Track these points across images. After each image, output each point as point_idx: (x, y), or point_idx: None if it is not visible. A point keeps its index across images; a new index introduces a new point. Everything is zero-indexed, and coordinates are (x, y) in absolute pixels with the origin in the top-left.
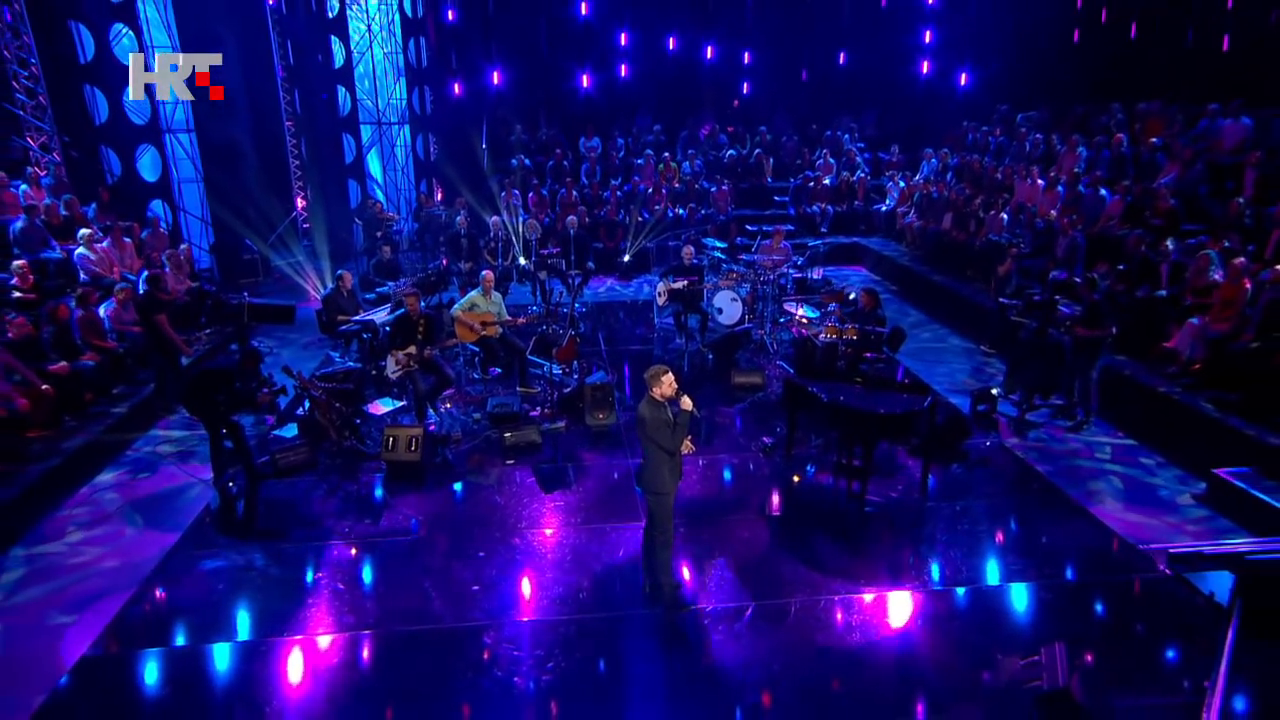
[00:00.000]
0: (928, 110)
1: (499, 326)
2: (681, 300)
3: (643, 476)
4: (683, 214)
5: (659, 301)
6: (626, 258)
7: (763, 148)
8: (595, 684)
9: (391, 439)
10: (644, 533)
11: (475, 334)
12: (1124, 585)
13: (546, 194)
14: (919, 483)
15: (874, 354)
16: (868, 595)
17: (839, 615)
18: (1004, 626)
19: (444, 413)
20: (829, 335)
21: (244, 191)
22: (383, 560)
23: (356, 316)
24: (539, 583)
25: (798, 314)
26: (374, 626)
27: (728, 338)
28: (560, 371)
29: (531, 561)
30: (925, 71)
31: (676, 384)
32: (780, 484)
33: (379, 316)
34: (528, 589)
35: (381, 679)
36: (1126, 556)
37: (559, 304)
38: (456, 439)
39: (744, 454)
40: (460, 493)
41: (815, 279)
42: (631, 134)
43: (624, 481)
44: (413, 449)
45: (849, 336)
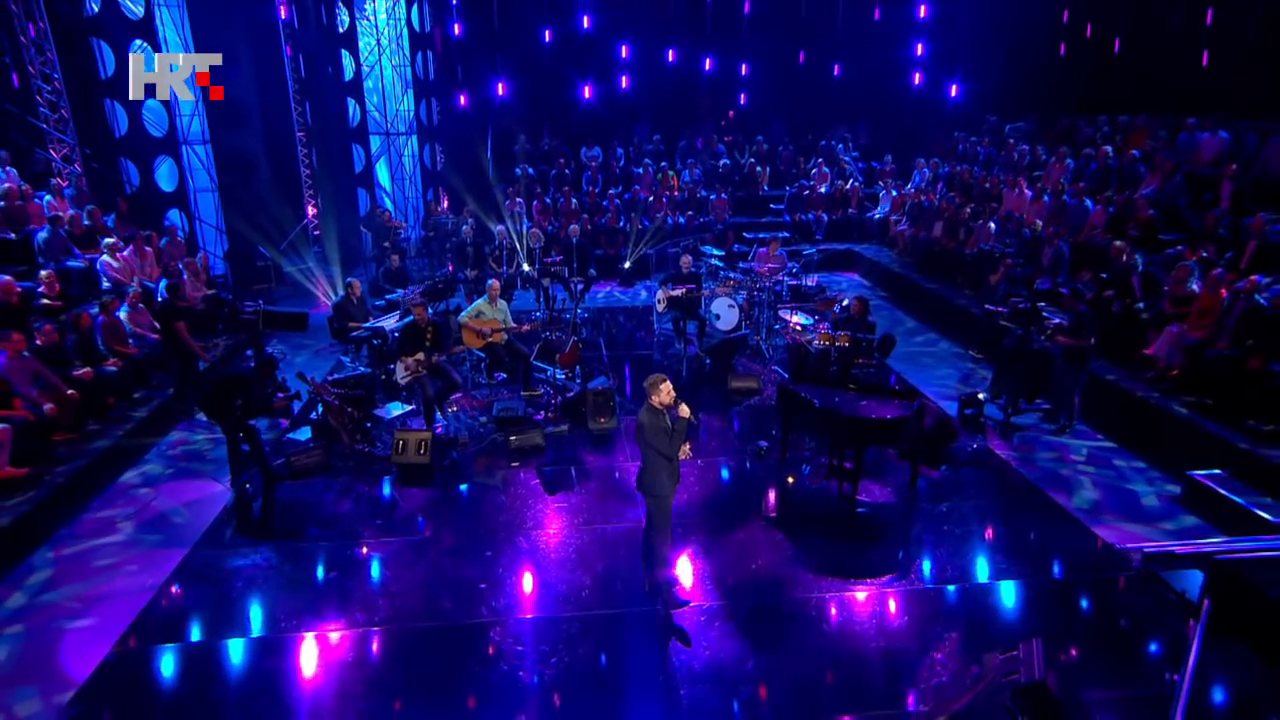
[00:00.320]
0: (919, 121)
1: (504, 333)
2: (680, 307)
3: (642, 480)
4: (681, 221)
5: (658, 308)
6: (627, 264)
7: (759, 157)
8: (596, 678)
9: (401, 442)
10: (644, 533)
11: (482, 340)
12: (1101, 583)
13: (550, 202)
14: (908, 485)
15: (865, 360)
16: (859, 593)
17: (830, 611)
18: (985, 622)
19: (451, 416)
20: (821, 342)
21: (257, 200)
22: (394, 559)
23: (367, 323)
24: (543, 581)
25: (792, 321)
26: (386, 622)
27: (725, 343)
28: (563, 376)
29: (536, 560)
30: (917, 83)
31: (675, 391)
32: (774, 486)
33: (388, 323)
34: (532, 587)
35: (393, 673)
36: (1104, 555)
37: (562, 310)
38: (463, 442)
39: (740, 457)
40: (467, 494)
41: (810, 286)
42: (632, 144)
43: (624, 483)
44: (422, 452)
45: (841, 343)
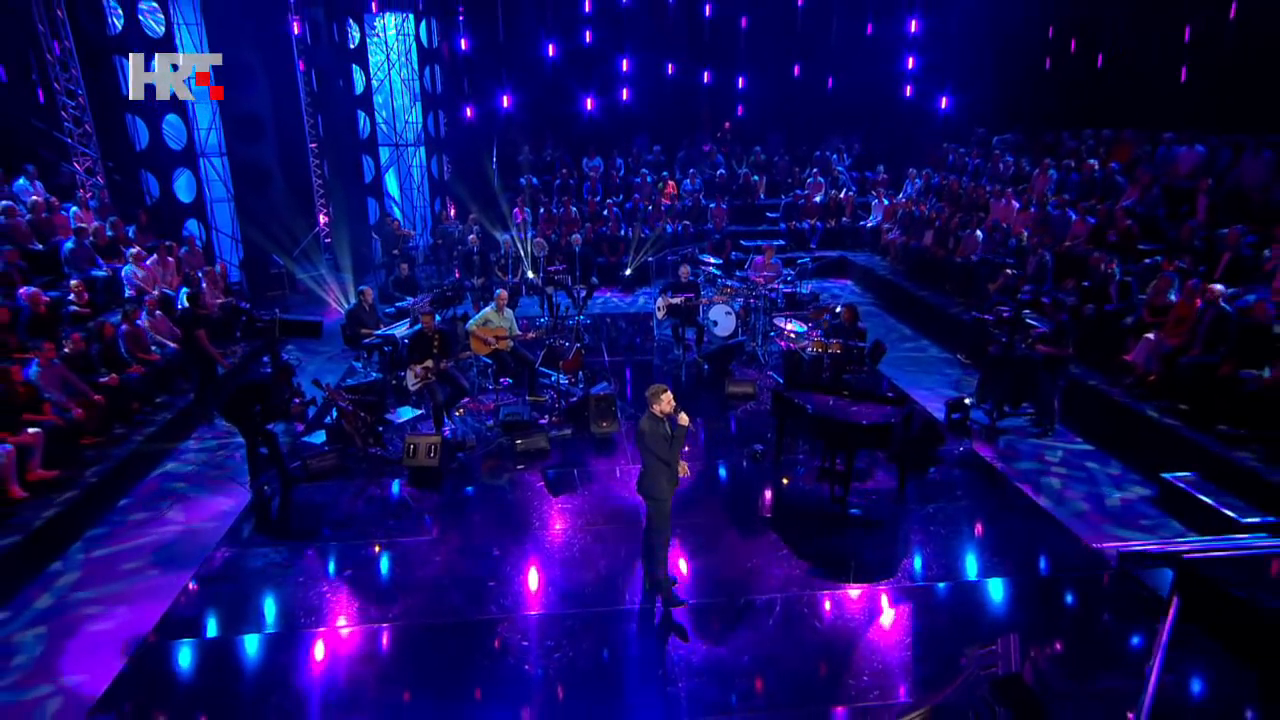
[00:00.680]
0: (911, 132)
1: (511, 340)
2: (679, 314)
3: (643, 483)
4: (681, 230)
5: (658, 315)
6: (628, 272)
7: (756, 167)
8: (599, 671)
9: (412, 446)
10: (643, 533)
11: (489, 347)
12: (1078, 580)
13: (554, 212)
14: (897, 487)
15: (856, 367)
16: (851, 590)
17: (823, 608)
18: (970, 618)
19: (459, 420)
20: (815, 349)
21: (271, 210)
22: (405, 558)
23: (378, 330)
24: (547, 579)
25: (786, 328)
26: (397, 619)
27: (722, 349)
28: (567, 381)
29: (541, 559)
30: (908, 96)
31: (674, 399)
32: (769, 488)
33: (399, 331)
34: (537, 584)
35: (404, 667)
36: (1082, 554)
37: (565, 317)
38: (471, 445)
39: (736, 459)
40: (475, 495)
41: (804, 293)
42: (631, 154)
43: (625, 485)
44: (431, 455)
45: (833, 350)
